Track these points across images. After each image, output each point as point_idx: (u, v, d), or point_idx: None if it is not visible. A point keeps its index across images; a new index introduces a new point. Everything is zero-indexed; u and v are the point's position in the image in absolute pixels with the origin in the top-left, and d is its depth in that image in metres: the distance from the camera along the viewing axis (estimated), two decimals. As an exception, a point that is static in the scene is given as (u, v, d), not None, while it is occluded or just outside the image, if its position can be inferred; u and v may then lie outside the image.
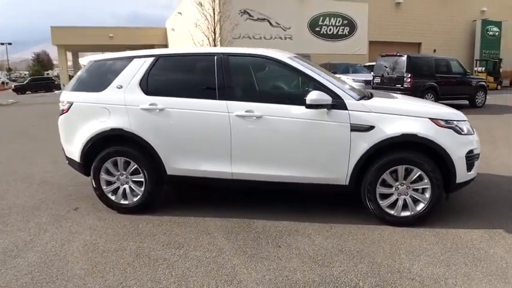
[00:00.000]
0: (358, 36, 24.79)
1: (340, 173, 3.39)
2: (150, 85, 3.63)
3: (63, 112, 3.87)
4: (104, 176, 3.74)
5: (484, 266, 2.72)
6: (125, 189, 3.75)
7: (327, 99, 3.24)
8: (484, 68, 21.39)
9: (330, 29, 24.64)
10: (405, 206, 3.39)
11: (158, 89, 3.63)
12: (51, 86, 33.65)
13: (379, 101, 3.54)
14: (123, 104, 3.61)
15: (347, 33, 24.96)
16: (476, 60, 23.76)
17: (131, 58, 3.72)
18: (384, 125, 3.27)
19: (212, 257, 2.90)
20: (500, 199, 4.07)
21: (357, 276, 2.61)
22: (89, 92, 3.76)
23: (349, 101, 3.34)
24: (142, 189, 3.68)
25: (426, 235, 3.23)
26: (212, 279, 2.59)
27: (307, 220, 3.54)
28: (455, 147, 3.29)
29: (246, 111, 3.39)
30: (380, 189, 3.37)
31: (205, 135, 3.50)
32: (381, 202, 3.39)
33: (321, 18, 24.31)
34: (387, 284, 2.52)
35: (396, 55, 12.39)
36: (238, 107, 3.42)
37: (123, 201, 3.77)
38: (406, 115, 3.33)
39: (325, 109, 3.30)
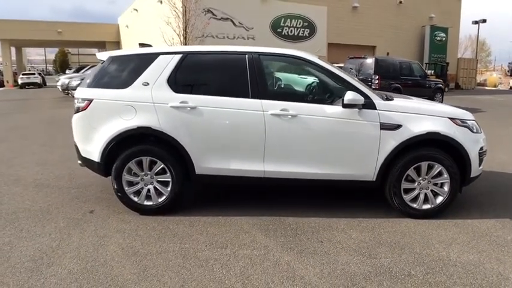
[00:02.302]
0: (318, 38, 25.63)
1: (368, 170, 3.55)
2: (178, 82, 3.53)
3: (79, 110, 3.64)
4: (126, 177, 3.57)
5: (509, 251, 3.02)
6: (149, 189, 3.61)
7: (361, 99, 3.39)
8: (433, 71, 23.13)
9: (291, 31, 25.26)
10: (426, 200, 3.64)
11: (187, 86, 3.54)
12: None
13: (402, 102, 3.76)
14: (150, 102, 3.47)
15: (307, 35, 25.73)
16: (426, 63, 25.63)
17: (156, 55, 3.59)
18: (410, 123, 3.49)
19: (262, 254, 2.92)
20: (498, 190, 4.50)
21: (406, 266, 2.78)
22: (111, 89, 3.57)
23: (377, 101, 3.52)
24: (169, 189, 3.58)
25: (448, 226, 3.50)
26: (273, 276, 2.61)
27: (334, 216, 3.66)
28: (471, 144, 3.60)
29: (281, 110, 3.43)
30: (404, 185, 3.59)
31: (239, 134, 3.49)
32: (404, 196, 3.61)
33: (283, 19, 24.83)
34: (435, 271, 2.71)
35: (363, 57, 13.03)
36: (273, 106, 3.45)
37: (146, 202, 3.63)
38: (428, 115, 3.59)
39: (357, 109, 3.45)
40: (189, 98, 3.47)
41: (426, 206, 3.64)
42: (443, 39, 28.51)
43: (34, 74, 32.08)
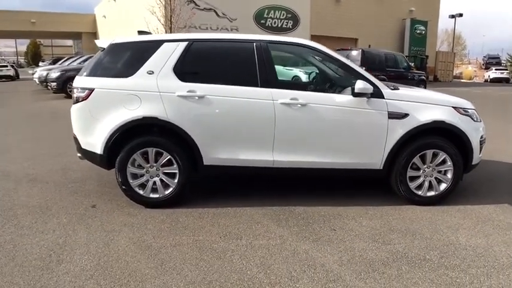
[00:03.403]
0: (301, 29, 25.63)
1: (376, 158, 3.59)
2: (185, 71, 3.43)
3: (78, 100, 3.48)
4: (131, 169, 3.47)
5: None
6: (154, 182, 3.52)
7: (370, 88, 3.40)
8: (413, 64, 23.62)
9: (275, 22, 25.21)
10: (430, 187, 3.72)
11: (194, 75, 3.45)
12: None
13: (407, 91, 3.80)
14: (156, 91, 3.37)
15: (291, 26, 25.71)
16: (406, 56, 26.13)
17: (160, 42, 3.48)
18: (417, 112, 3.54)
19: (278, 244, 2.90)
20: (490, 177, 4.65)
21: (420, 251, 2.83)
22: (113, 78, 3.43)
23: (385, 90, 3.54)
24: (176, 181, 3.50)
25: (452, 211, 3.59)
26: (294, 265, 2.60)
27: (341, 204, 3.69)
28: (473, 133, 3.69)
29: (291, 99, 3.40)
30: (410, 172, 3.65)
31: (248, 123, 3.44)
32: (410, 184, 3.67)
33: (266, 10, 24.71)
34: (449, 255, 2.78)
35: (349, 49, 13.17)
36: (283, 95, 3.41)
37: (152, 195, 3.53)
38: (433, 104, 3.64)
39: (365, 98, 3.46)
40: (197, 87, 3.38)
41: (430, 193, 3.71)
42: (423, 32, 29.13)
43: (6, 66, 30.63)
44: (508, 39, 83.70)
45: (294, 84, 3.75)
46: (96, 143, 3.46)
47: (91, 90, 3.42)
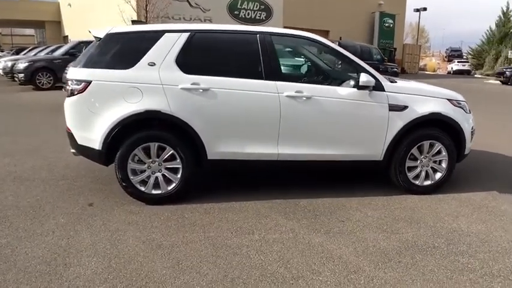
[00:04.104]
0: (274, 21, 25.62)
1: (377, 150, 3.66)
2: (188, 63, 3.31)
3: (73, 93, 3.28)
4: (132, 165, 3.33)
5: (507, 220, 3.30)
6: (156, 177, 3.40)
7: (373, 80, 3.44)
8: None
9: (248, 13, 25.09)
10: (426, 176, 3.85)
11: (198, 67, 3.34)
12: None
13: (405, 84, 3.89)
14: (159, 84, 3.23)
15: (264, 18, 25.67)
16: (376, 49, 26.86)
17: (161, 32, 3.33)
18: (415, 104, 3.63)
19: (292, 238, 2.90)
20: (478, 167, 4.88)
21: (428, 239, 2.93)
22: (112, 70, 3.26)
23: (385, 83, 3.60)
24: (179, 176, 3.40)
25: (447, 200, 3.74)
26: (312, 258, 2.61)
27: (343, 196, 3.73)
28: (465, 124, 3.84)
29: (296, 92, 3.38)
30: (408, 163, 3.75)
31: (254, 116, 3.38)
32: (408, 174, 3.78)
33: (240, 1, 24.51)
34: (455, 241, 2.89)
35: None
36: (288, 88, 3.39)
37: (154, 191, 3.42)
38: (430, 96, 3.76)
39: (367, 91, 3.51)
40: (201, 80, 3.28)
41: (427, 182, 3.84)
42: (391, 25, 29.96)
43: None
44: (466, 32, 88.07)
45: (297, 76, 3.72)
46: (94, 138, 3.28)
47: (88, 83, 3.22)
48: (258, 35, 3.44)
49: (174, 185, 3.42)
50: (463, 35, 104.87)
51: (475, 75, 33.78)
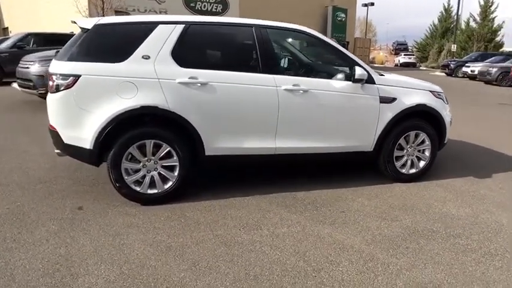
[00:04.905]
0: (230, 14, 25.41)
1: (368, 141, 3.78)
2: (184, 56, 3.17)
3: (59, 88, 3.01)
4: (126, 164, 3.14)
5: (488, 202, 3.58)
6: (152, 176, 3.24)
7: (366, 74, 3.53)
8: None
9: (204, 5, 24.76)
10: (411, 165, 4.05)
11: (194, 60, 3.21)
12: None
13: (393, 77, 4.03)
14: (155, 78, 3.06)
15: (220, 10, 25.45)
16: (335, 42, 27.61)
17: (154, 24, 3.15)
18: (403, 96, 3.79)
19: (301, 231, 2.91)
20: (450, 155, 5.22)
21: (426, 224, 3.09)
22: (103, 63, 3.02)
23: (376, 76, 3.72)
24: (176, 174, 3.27)
25: (431, 186, 3.97)
26: (326, 249, 2.65)
27: (336, 187, 3.82)
28: (445, 114, 4.09)
29: (293, 85, 3.38)
30: (396, 153, 3.93)
31: (252, 110, 3.33)
32: (396, 164, 3.95)
33: (196, -7, 24.02)
34: (451, 225, 3.08)
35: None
36: (286, 81, 3.37)
37: (150, 191, 3.26)
38: (415, 88, 3.95)
39: (360, 84, 3.60)
40: (199, 73, 3.16)
41: (412, 171, 4.05)
42: (343, 19, 30.92)
43: None
44: (409, 26, 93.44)
45: (295, 70, 3.72)
46: (83, 137, 3.05)
47: (76, 77, 2.97)
48: (253, 28, 3.38)
49: (171, 183, 3.28)
50: (405, 29, 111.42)
51: (420, 68, 36.03)
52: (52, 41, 11.98)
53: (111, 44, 3.11)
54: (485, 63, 18.93)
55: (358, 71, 3.45)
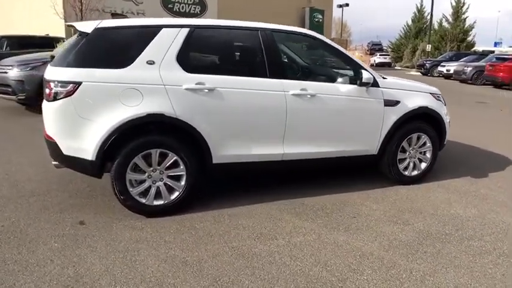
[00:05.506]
0: (208, 15, 25.22)
1: (373, 144, 3.77)
2: (190, 61, 3.06)
3: (57, 96, 2.82)
4: (131, 175, 2.99)
5: (491, 202, 3.65)
6: (158, 187, 3.10)
7: (372, 77, 3.52)
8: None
9: (183, 7, 24.56)
10: (413, 167, 4.08)
11: (200, 65, 3.11)
12: None
13: (394, 80, 4.04)
14: (160, 84, 2.93)
15: (198, 12, 25.28)
16: (308, 43, 27.91)
17: (158, 28, 3.01)
18: (406, 99, 3.81)
19: (317, 239, 2.85)
20: (445, 156, 5.30)
21: (437, 227, 3.10)
22: (105, 69, 2.86)
23: (379, 80, 3.71)
24: (183, 183, 3.14)
25: (434, 188, 4.01)
26: (347, 257, 2.60)
27: (340, 192, 3.77)
28: (445, 116, 4.15)
29: (301, 90, 3.32)
30: (399, 155, 3.94)
31: (261, 116, 3.25)
32: (400, 166, 3.97)
33: (173, -6, 23.77)
34: (461, 226, 3.11)
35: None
36: (293, 86, 3.31)
37: (156, 202, 3.12)
38: (416, 91, 3.98)
39: (365, 87, 3.59)
40: (206, 79, 3.04)
41: (414, 172, 4.08)
42: (320, 20, 31.29)
43: None
44: (381, 27, 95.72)
45: (302, 74, 3.67)
46: (85, 147, 2.87)
47: (77, 84, 2.79)
48: (259, 31, 3.29)
49: (177, 193, 3.15)
50: (378, 29, 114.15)
51: (396, 67, 36.94)
52: (26, 44, 11.51)
53: (113, 48, 2.95)
54: (460, 63, 19.60)
55: (365, 75, 3.44)
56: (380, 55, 40.47)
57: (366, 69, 3.56)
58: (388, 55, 40.07)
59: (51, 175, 4.04)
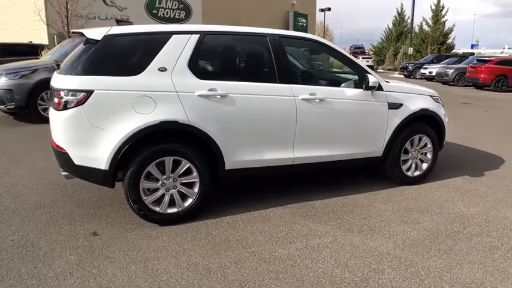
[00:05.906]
0: (193, 20, 25.27)
1: (378, 147, 3.86)
2: (201, 67, 3.08)
3: (67, 105, 2.78)
4: (145, 184, 2.97)
5: (492, 200, 3.79)
6: (172, 195, 3.09)
7: (377, 81, 3.61)
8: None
9: (167, 12, 24.45)
10: (416, 168, 4.19)
11: (211, 71, 3.13)
12: None
13: (396, 83, 4.15)
14: (173, 91, 2.93)
15: (183, 17, 25.23)
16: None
17: (169, 34, 3.01)
18: (408, 102, 3.92)
19: (333, 241, 2.90)
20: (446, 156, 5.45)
21: (446, 225, 3.20)
22: (116, 77, 2.84)
23: (383, 83, 3.81)
24: (196, 190, 3.14)
25: (435, 187, 4.13)
26: (366, 258, 2.65)
27: (347, 194, 3.85)
28: (444, 118, 4.28)
29: (310, 94, 3.38)
30: (402, 157, 4.04)
31: (272, 121, 3.29)
32: (403, 167, 4.07)
33: (157, 0, 23.65)
34: (468, 224, 3.21)
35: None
36: (303, 91, 3.36)
37: (170, 210, 3.10)
38: (418, 94, 4.10)
39: (370, 91, 3.67)
40: (218, 85, 3.06)
41: (416, 173, 4.19)
42: (304, 24, 31.69)
43: None
44: (361, 30, 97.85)
45: (311, 79, 3.72)
46: (98, 157, 2.84)
47: (89, 93, 2.76)
48: (267, 37, 3.34)
49: (191, 200, 3.15)
50: (359, 32, 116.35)
51: (378, 70, 37.70)
52: (9, 51, 11.25)
53: (124, 55, 2.94)
54: (442, 65, 20.16)
55: (372, 79, 3.53)
56: (363, 58, 41.17)
57: (371, 74, 3.65)
58: (371, 58, 40.81)
59: (53, 185, 3.97)
